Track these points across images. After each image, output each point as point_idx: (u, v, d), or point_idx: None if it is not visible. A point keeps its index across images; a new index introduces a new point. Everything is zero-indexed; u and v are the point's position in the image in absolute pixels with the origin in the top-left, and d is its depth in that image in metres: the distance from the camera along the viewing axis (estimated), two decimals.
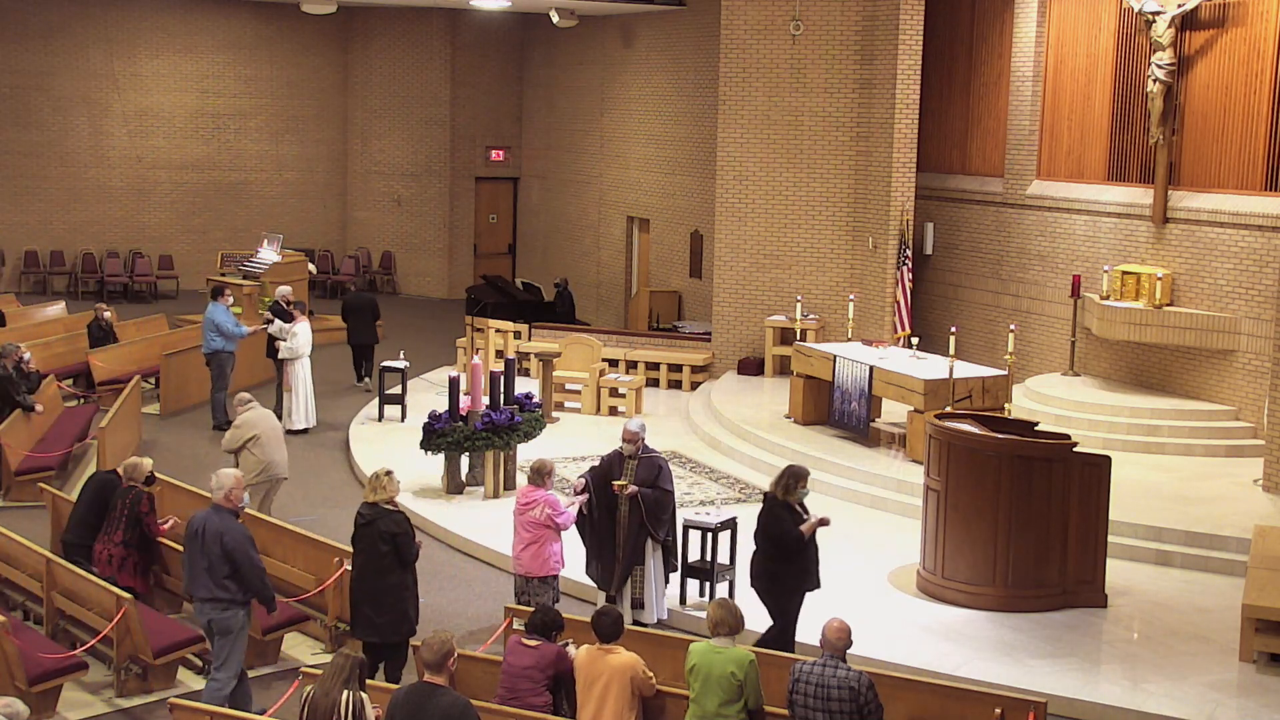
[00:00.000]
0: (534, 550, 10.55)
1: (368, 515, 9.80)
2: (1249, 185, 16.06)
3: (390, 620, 9.67)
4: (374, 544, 9.67)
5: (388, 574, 9.66)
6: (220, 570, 9.01)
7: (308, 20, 28.92)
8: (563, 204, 29.00)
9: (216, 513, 9.16)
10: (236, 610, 9.14)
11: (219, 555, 9.00)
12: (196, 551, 9.08)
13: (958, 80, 20.39)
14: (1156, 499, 13.92)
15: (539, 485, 10.59)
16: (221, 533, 9.01)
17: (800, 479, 10.22)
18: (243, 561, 9.03)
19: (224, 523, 9.10)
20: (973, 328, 19.60)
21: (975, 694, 8.56)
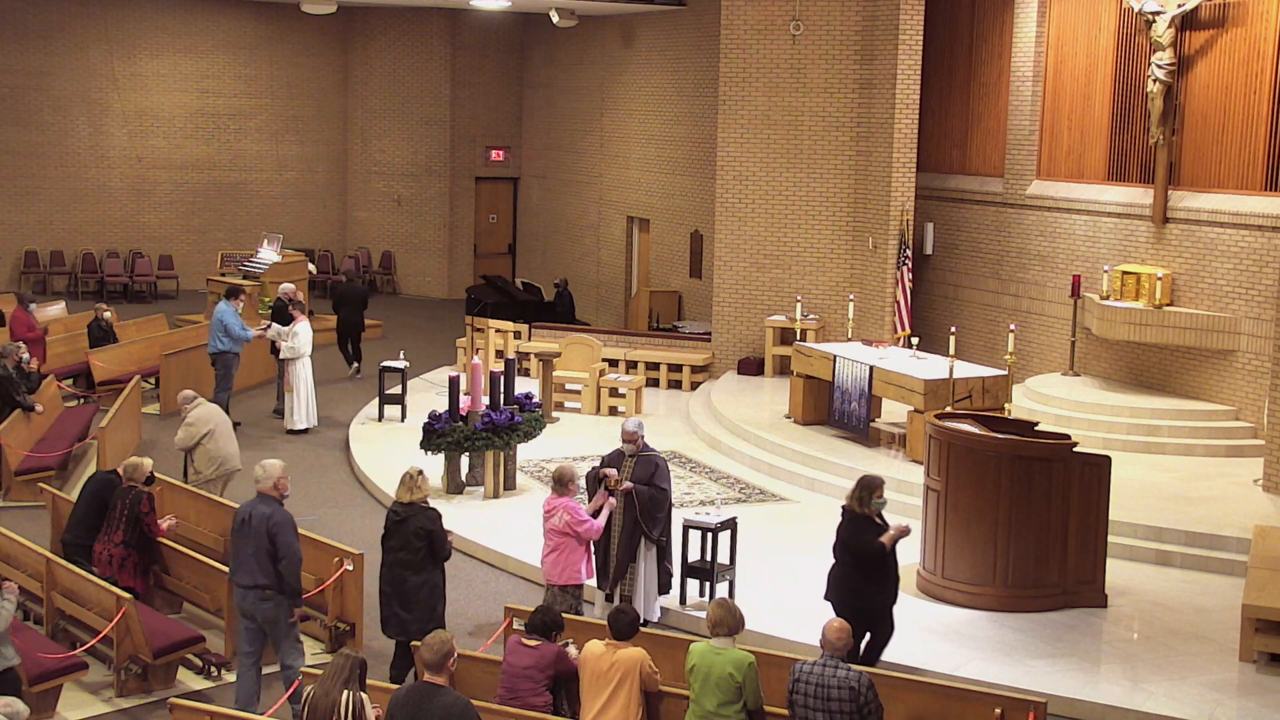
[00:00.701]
0: (554, 558, 10.49)
1: (402, 513, 9.91)
2: (1249, 185, 16.07)
3: (420, 618, 9.75)
4: (407, 541, 9.79)
5: (420, 571, 9.79)
6: (265, 552, 9.19)
7: (308, 20, 28.91)
8: (563, 204, 29.00)
9: (263, 501, 9.32)
10: (276, 599, 9.30)
11: (264, 538, 9.19)
12: (244, 539, 9.26)
13: (958, 80, 20.39)
14: (1156, 499, 13.92)
15: (560, 494, 10.48)
16: (268, 517, 9.21)
17: (874, 489, 9.96)
18: (284, 547, 9.18)
19: (271, 509, 9.28)
20: (973, 328, 19.60)
21: (975, 694, 8.56)
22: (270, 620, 9.34)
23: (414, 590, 9.78)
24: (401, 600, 9.80)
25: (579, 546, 10.47)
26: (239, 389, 20.02)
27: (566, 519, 10.39)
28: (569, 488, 10.47)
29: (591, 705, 8.18)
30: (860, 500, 9.94)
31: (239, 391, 20.01)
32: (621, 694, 8.12)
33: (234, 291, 18.47)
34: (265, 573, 9.22)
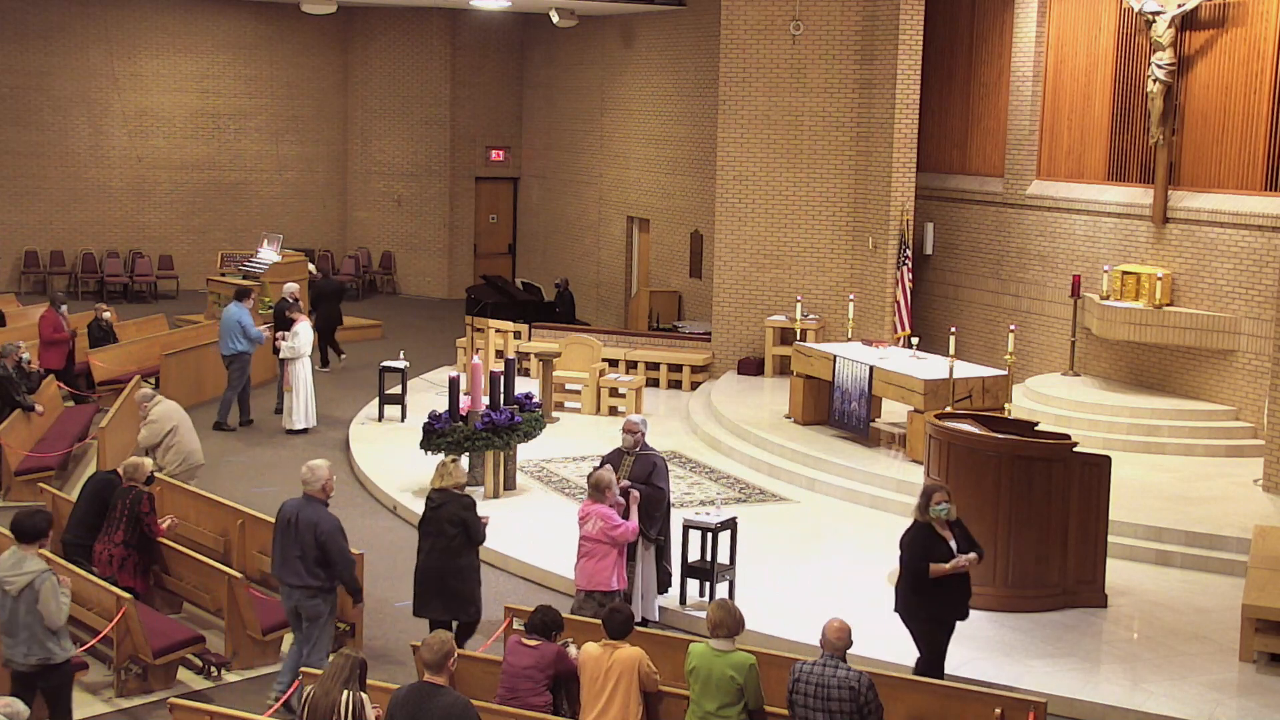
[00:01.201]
0: (584, 564, 10.41)
1: (437, 500, 10.18)
2: (1249, 185, 16.07)
3: (460, 600, 10.09)
4: (443, 527, 10.05)
5: (458, 555, 10.08)
6: (312, 557, 9.37)
7: (308, 20, 28.92)
8: (563, 204, 29.00)
9: (309, 503, 9.50)
10: (324, 597, 9.51)
11: (311, 544, 9.38)
12: (289, 540, 9.44)
13: (958, 80, 20.39)
14: (1156, 499, 13.92)
15: (597, 500, 10.35)
16: (315, 522, 9.38)
17: (930, 496, 9.58)
18: (334, 550, 9.39)
19: (317, 513, 9.45)
20: (973, 328, 19.60)
21: (975, 694, 8.56)
22: (312, 616, 9.56)
23: (454, 574, 10.06)
24: (440, 585, 10.07)
25: (611, 552, 10.31)
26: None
27: (600, 525, 10.28)
28: (605, 494, 10.35)
29: (591, 707, 8.18)
30: (921, 508, 9.59)
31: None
32: (620, 694, 8.11)
33: (244, 293, 18.58)
34: (312, 574, 9.46)
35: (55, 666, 8.46)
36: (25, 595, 8.27)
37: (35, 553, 8.41)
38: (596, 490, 10.37)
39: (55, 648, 8.41)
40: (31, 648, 8.34)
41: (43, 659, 8.37)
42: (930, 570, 9.32)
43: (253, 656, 10.58)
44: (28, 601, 8.28)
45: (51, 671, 8.46)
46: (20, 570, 8.32)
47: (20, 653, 8.37)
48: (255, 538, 11.85)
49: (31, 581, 8.28)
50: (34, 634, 8.31)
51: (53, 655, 8.40)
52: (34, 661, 8.37)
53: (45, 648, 8.36)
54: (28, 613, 8.29)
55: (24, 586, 8.28)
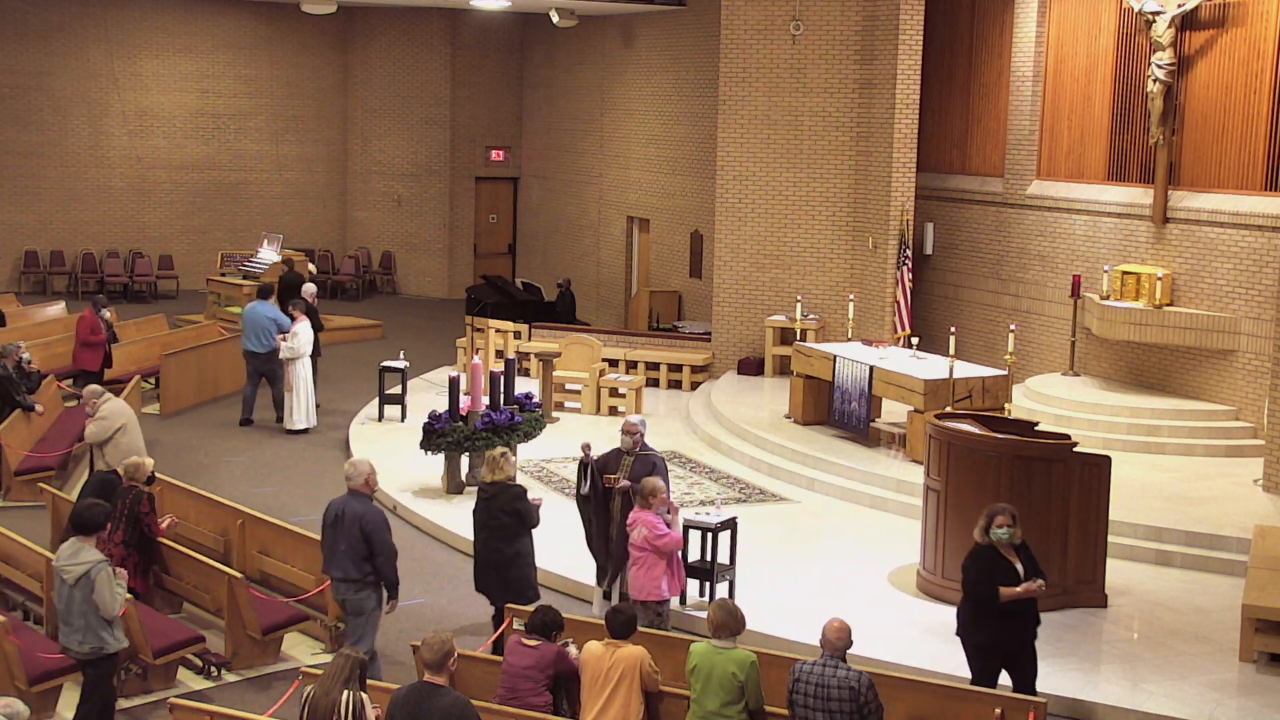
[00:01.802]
0: (635, 573, 10.36)
1: (489, 491, 10.45)
2: (1249, 185, 16.07)
3: (517, 584, 10.36)
4: (496, 516, 10.36)
5: (512, 542, 10.37)
6: (359, 552, 9.57)
7: (308, 20, 28.92)
8: (563, 204, 29.01)
9: (355, 498, 9.67)
10: (370, 591, 9.69)
11: (358, 538, 9.55)
12: (337, 535, 9.63)
13: (958, 80, 20.39)
14: (1156, 499, 13.92)
15: (644, 507, 10.29)
16: (361, 515, 9.56)
17: (991, 518, 9.11)
18: (379, 544, 9.57)
19: (363, 507, 9.63)
20: (973, 328, 19.60)
21: (975, 694, 8.56)
22: (356, 610, 9.75)
23: (509, 561, 10.37)
24: (498, 570, 10.39)
25: (659, 561, 10.23)
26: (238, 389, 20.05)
27: (645, 533, 10.19)
28: (651, 501, 10.26)
29: (591, 705, 8.18)
30: (982, 529, 9.14)
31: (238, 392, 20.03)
32: (621, 693, 8.12)
33: (267, 290, 18.80)
34: (358, 567, 9.62)
35: (107, 656, 8.72)
36: (81, 584, 8.51)
37: (93, 544, 8.67)
38: (642, 497, 10.32)
39: (109, 637, 8.67)
40: (86, 636, 8.61)
41: (96, 647, 8.64)
42: (1001, 594, 8.89)
43: (253, 656, 10.58)
44: (84, 591, 8.51)
45: (102, 661, 8.73)
46: (77, 560, 8.57)
47: (76, 640, 8.64)
48: (255, 538, 11.86)
49: (87, 571, 8.51)
50: (89, 623, 8.57)
51: (106, 645, 8.67)
52: (87, 650, 8.64)
53: (99, 636, 8.62)
54: (83, 602, 8.53)
55: (80, 576, 8.51)
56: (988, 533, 9.09)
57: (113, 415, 12.96)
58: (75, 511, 8.80)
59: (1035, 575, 9.08)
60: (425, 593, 12.32)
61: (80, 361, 17.84)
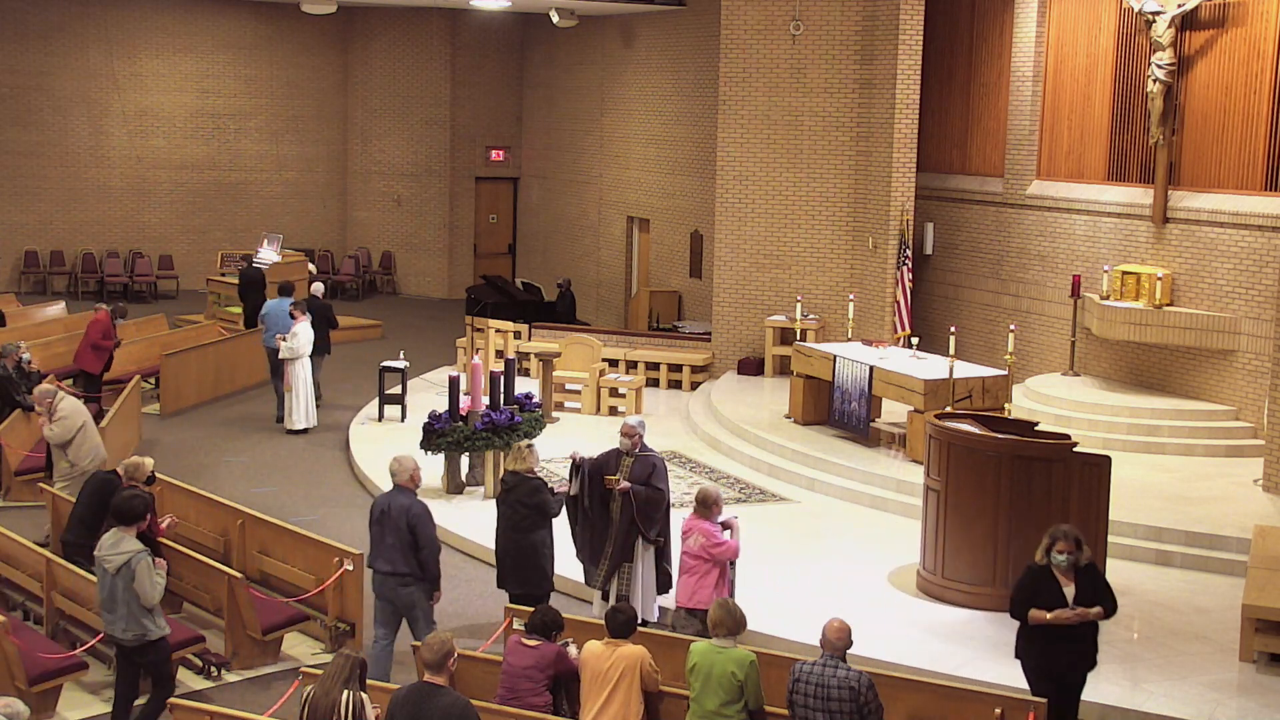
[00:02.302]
0: (684, 580, 10.26)
1: (510, 482, 10.62)
2: (1249, 185, 16.07)
3: (535, 574, 10.53)
4: (516, 508, 10.51)
5: (530, 533, 10.50)
6: (406, 545, 9.74)
7: (308, 20, 28.92)
8: (563, 204, 29.01)
9: (400, 493, 9.88)
10: (417, 585, 9.85)
11: (404, 531, 9.73)
12: (384, 529, 9.80)
13: (958, 80, 20.39)
14: (1156, 499, 13.92)
15: (702, 515, 10.17)
16: (408, 509, 9.75)
17: (1054, 541, 8.63)
18: (424, 537, 9.75)
19: (409, 500, 9.83)
20: (973, 328, 19.60)
21: (975, 694, 8.56)
22: (408, 605, 9.88)
23: (527, 551, 10.50)
24: (516, 560, 10.54)
25: (713, 570, 10.11)
26: (238, 389, 20.09)
27: (702, 541, 10.07)
28: (711, 510, 10.14)
29: (591, 705, 8.19)
30: (1043, 549, 8.67)
31: (238, 392, 20.07)
32: (620, 693, 8.12)
33: (288, 286, 19.12)
34: (406, 561, 9.77)
35: (153, 643, 8.97)
36: (123, 573, 8.76)
37: (133, 534, 8.92)
38: (702, 505, 10.21)
39: (151, 624, 8.90)
40: (129, 624, 8.84)
41: (139, 635, 8.88)
42: (1029, 616, 8.57)
43: (253, 656, 10.58)
44: (125, 580, 8.76)
45: (149, 648, 8.96)
46: (118, 550, 8.82)
47: (119, 628, 8.88)
48: (255, 538, 11.86)
49: (128, 561, 8.76)
50: (131, 611, 8.81)
51: (149, 631, 8.90)
52: (131, 637, 8.88)
53: (141, 624, 8.86)
54: (125, 590, 8.77)
55: (121, 565, 8.76)
56: (1047, 554, 8.63)
57: (73, 414, 12.96)
58: (116, 502, 9.04)
59: (1093, 604, 8.55)
60: None
61: (83, 362, 17.78)
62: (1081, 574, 8.65)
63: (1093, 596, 8.60)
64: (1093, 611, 8.53)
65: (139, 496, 9.16)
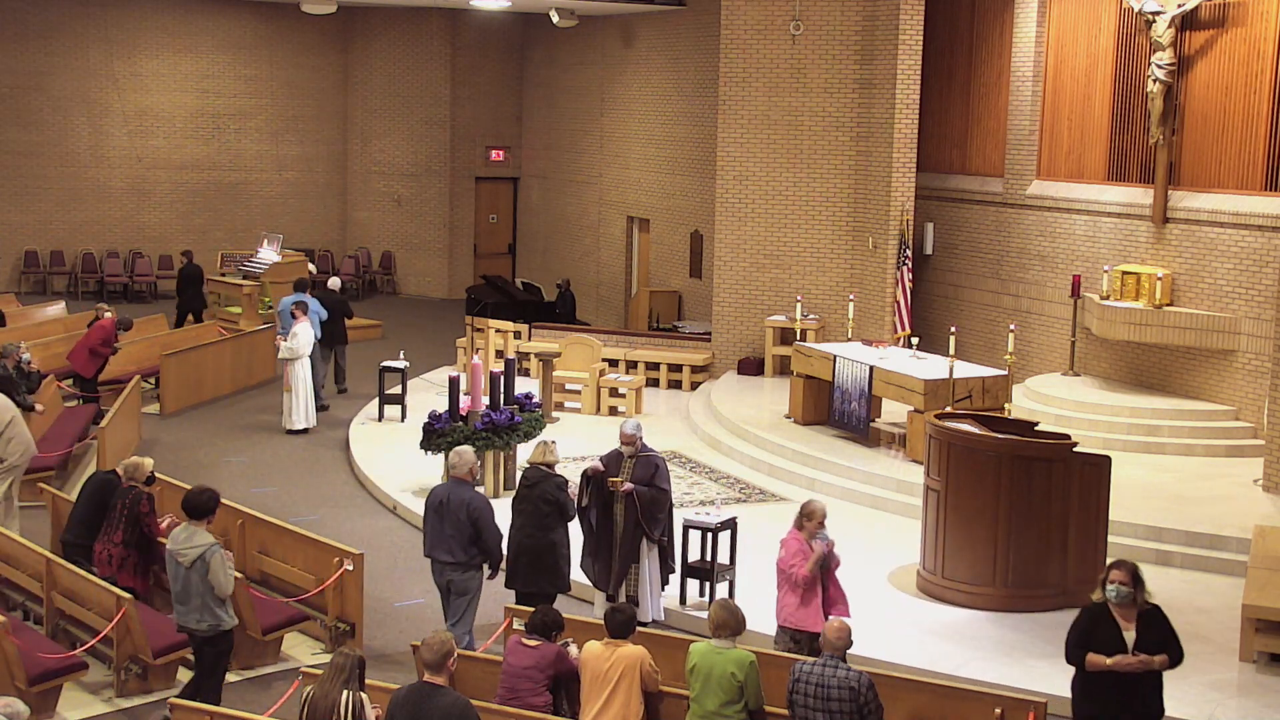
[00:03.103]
0: (779, 596, 9.71)
1: (533, 478, 10.71)
2: (1249, 185, 16.07)
3: (549, 574, 10.63)
4: (537, 506, 10.61)
5: (549, 532, 10.60)
6: (465, 535, 10.02)
7: (308, 20, 28.91)
8: (563, 204, 29.01)
9: (458, 485, 10.17)
10: (474, 572, 10.19)
11: (465, 521, 10.01)
12: (442, 519, 10.12)
13: (958, 80, 20.39)
14: (1156, 499, 13.92)
15: (796, 528, 9.63)
16: (467, 501, 10.06)
17: (1108, 573, 8.00)
18: (486, 527, 10.06)
19: (469, 493, 10.13)
20: (973, 328, 19.60)
21: (975, 694, 8.56)
22: (462, 591, 10.17)
23: (544, 550, 10.59)
24: (531, 557, 10.61)
25: (787, 586, 9.56)
26: (239, 389, 20.11)
27: (781, 554, 9.65)
28: (803, 524, 9.57)
29: (591, 705, 8.18)
30: (1100, 583, 8.05)
31: (238, 392, 20.08)
32: (620, 693, 8.11)
33: (303, 283, 19.67)
34: (464, 550, 10.07)
35: (225, 633, 9.24)
36: (197, 566, 9.01)
37: (205, 527, 9.18)
38: (799, 516, 9.65)
39: (224, 615, 9.18)
40: (203, 615, 9.10)
41: (213, 625, 9.14)
42: (1087, 662, 7.87)
43: (253, 656, 10.57)
44: (199, 572, 9.00)
45: (220, 637, 9.23)
46: (192, 544, 9.07)
47: (193, 619, 9.13)
48: (255, 538, 11.85)
49: (202, 554, 9.01)
50: (205, 602, 9.07)
51: (222, 622, 9.18)
52: (205, 627, 9.14)
53: (216, 614, 9.13)
54: (200, 582, 9.02)
55: (195, 558, 9.01)
56: (1103, 587, 7.94)
57: (2, 409, 12.93)
58: (187, 497, 9.27)
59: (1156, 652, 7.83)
60: (425, 593, 12.31)
61: (77, 363, 17.76)
62: (1144, 618, 7.92)
63: (1157, 644, 7.87)
64: (1157, 660, 7.81)
65: (209, 491, 9.38)
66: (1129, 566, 7.96)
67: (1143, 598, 7.92)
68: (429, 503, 10.25)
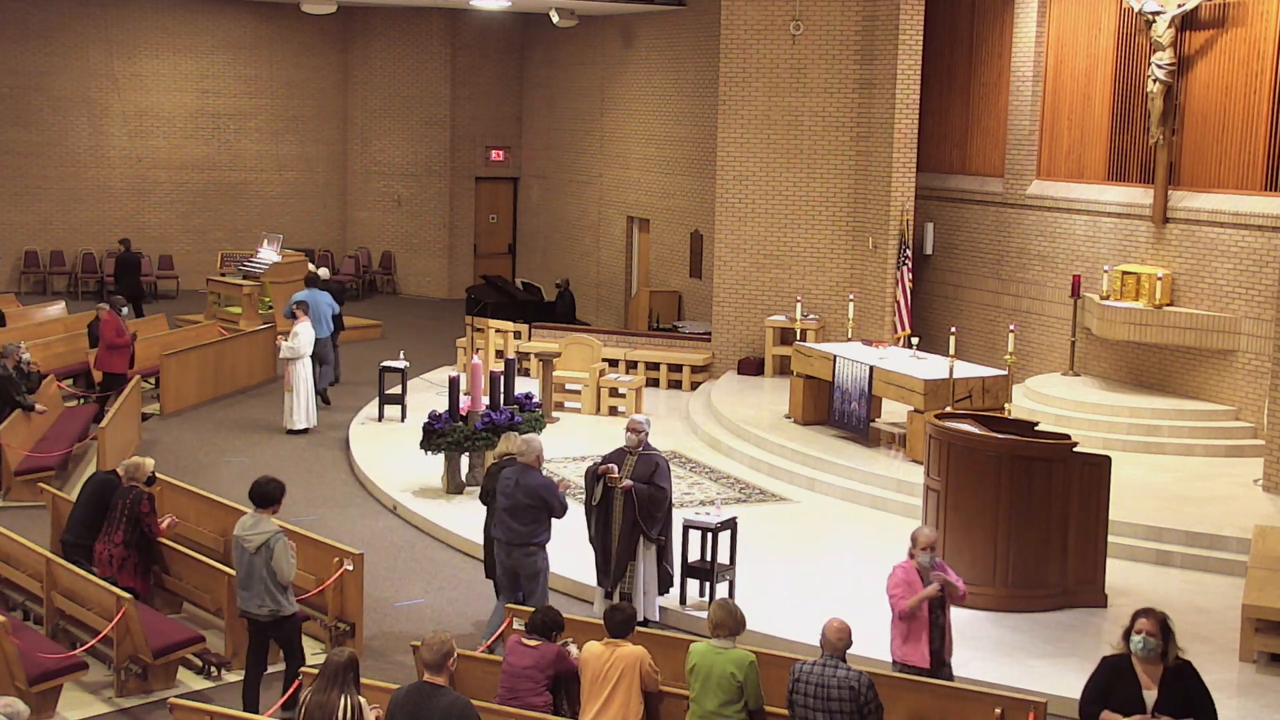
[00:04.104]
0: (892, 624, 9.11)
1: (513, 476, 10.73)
2: (1249, 185, 16.07)
3: None
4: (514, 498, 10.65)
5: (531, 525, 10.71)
6: (526, 516, 10.41)
7: (308, 20, 28.91)
8: (563, 204, 29.01)
9: (526, 470, 10.58)
10: (538, 552, 10.51)
11: (529, 504, 10.41)
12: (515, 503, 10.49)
13: (958, 80, 20.39)
14: (1156, 499, 13.92)
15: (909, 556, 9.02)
16: (535, 486, 10.48)
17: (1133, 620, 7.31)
18: (554, 501, 10.53)
19: (537, 478, 10.55)
20: (973, 328, 19.60)
21: (975, 694, 8.55)
22: (530, 573, 10.49)
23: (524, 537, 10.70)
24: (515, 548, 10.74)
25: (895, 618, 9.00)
26: (238, 389, 20.11)
27: (887, 583, 9.04)
28: (911, 552, 8.99)
29: (591, 705, 8.18)
30: (1123, 633, 7.37)
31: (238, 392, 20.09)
32: (620, 693, 8.11)
33: (314, 279, 20.04)
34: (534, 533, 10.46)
35: (286, 618, 9.49)
36: (261, 553, 9.26)
37: (269, 516, 9.43)
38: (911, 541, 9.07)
39: (284, 601, 9.42)
40: (264, 600, 9.35)
41: (274, 610, 9.39)
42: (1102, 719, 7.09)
43: None
44: (264, 558, 9.26)
45: (284, 622, 9.49)
46: (257, 530, 9.34)
47: (255, 604, 9.39)
48: None
49: (267, 541, 9.28)
50: (267, 587, 9.32)
51: (282, 607, 9.43)
52: (266, 613, 9.39)
53: (276, 600, 9.37)
54: (263, 568, 9.27)
55: (260, 545, 9.27)
56: (1127, 638, 7.20)
57: None
58: (255, 486, 9.51)
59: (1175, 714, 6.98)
60: (425, 593, 12.32)
61: (106, 364, 17.74)
62: (1170, 676, 7.08)
63: (1182, 707, 7.00)
64: None
65: (275, 481, 9.59)
66: (1158, 616, 7.18)
67: (1173, 652, 7.12)
68: (500, 488, 10.63)
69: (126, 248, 24.34)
